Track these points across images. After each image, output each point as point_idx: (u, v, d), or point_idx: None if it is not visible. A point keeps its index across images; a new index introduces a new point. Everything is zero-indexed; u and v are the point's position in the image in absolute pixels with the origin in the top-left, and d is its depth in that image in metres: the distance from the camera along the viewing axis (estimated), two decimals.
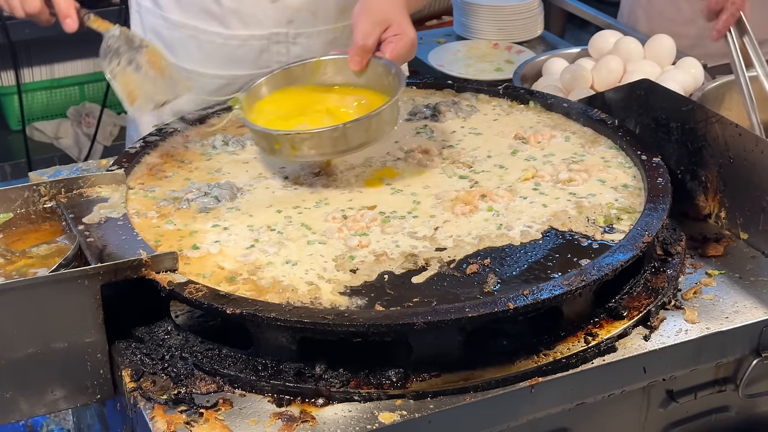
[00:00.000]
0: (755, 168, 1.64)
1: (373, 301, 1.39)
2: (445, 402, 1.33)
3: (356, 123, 1.63)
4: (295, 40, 2.11)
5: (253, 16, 2.09)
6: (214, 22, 2.09)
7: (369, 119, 1.63)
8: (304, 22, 2.12)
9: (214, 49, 2.11)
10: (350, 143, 1.64)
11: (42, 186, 1.60)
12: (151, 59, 1.75)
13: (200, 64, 2.11)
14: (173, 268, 1.43)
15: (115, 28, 1.75)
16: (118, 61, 1.74)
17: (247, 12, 2.08)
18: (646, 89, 1.85)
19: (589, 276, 1.41)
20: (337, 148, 1.64)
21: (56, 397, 1.40)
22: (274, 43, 2.11)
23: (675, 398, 1.52)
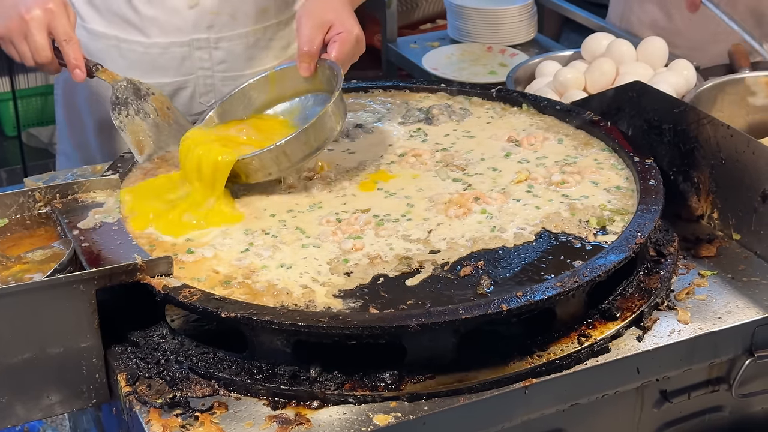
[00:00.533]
0: (747, 169, 1.65)
1: (368, 304, 1.40)
2: (439, 404, 1.34)
3: (293, 138, 1.64)
4: (216, 44, 2.11)
5: (171, 23, 2.09)
6: (134, 31, 2.09)
7: (305, 132, 1.64)
8: (224, 26, 2.12)
9: (137, 58, 2.11)
10: (293, 158, 1.65)
11: (37, 191, 1.60)
12: (158, 106, 1.82)
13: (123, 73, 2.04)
14: (168, 273, 1.44)
15: (122, 79, 1.81)
16: (126, 111, 1.79)
17: (165, 20, 2.08)
18: (639, 91, 1.86)
19: (582, 277, 1.41)
20: (282, 165, 1.66)
21: (52, 402, 1.41)
22: (195, 49, 2.11)
23: (669, 398, 1.53)
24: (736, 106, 2.02)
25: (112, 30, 2.10)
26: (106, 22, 2.10)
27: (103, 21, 2.10)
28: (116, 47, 2.11)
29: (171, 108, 1.84)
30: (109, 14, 2.10)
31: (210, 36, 2.11)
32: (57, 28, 1.75)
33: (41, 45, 1.74)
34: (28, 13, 1.73)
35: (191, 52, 2.11)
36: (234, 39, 2.13)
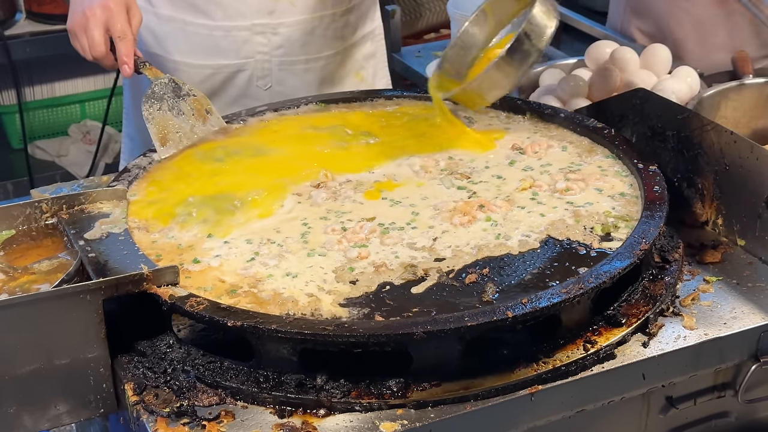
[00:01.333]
0: (750, 174, 1.65)
1: (373, 312, 1.40)
2: (445, 411, 1.34)
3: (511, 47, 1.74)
4: (275, 30, 2.18)
5: (235, 7, 2.16)
6: (200, 14, 2.17)
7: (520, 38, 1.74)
8: (284, 13, 2.18)
9: (200, 40, 2.19)
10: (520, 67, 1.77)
11: (44, 203, 1.61)
12: (197, 107, 1.89)
13: (187, 55, 2.21)
14: (174, 282, 1.44)
15: (164, 76, 1.91)
16: (159, 105, 1.87)
17: (229, 3, 2.15)
18: (642, 98, 1.87)
19: (587, 284, 1.41)
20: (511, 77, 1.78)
21: (60, 412, 1.41)
22: (256, 33, 2.18)
23: (674, 404, 1.53)
24: (740, 112, 2.02)
25: (179, 13, 2.18)
26: (175, 7, 2.18)
27: (172, 5, 2.18)
28: (182, 30, 2.19)
29: (211, 111, 1.91)
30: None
31: (270, 21, 2.18)
32: (114, 26, 1.86)
33: (97, 41, 1.86)
34: (90, 9, 1.86)
35: (252, 36, 2.18)
36: (292, 25, 2.20)
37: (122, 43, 1.87)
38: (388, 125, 1.95)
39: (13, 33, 3.74)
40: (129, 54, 1.88)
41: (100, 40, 1.87)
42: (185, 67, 2.20)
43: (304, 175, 1.76)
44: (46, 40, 3.77)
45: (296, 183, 1.74)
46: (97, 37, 1.86)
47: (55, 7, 3.76)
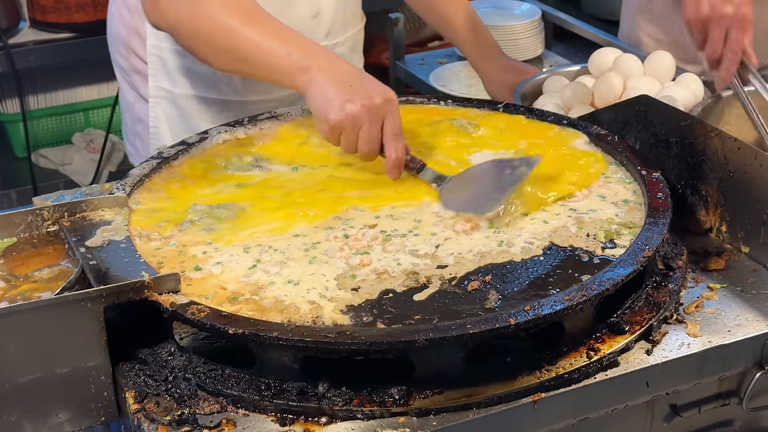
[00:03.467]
0: (755, 181, 1.64)
1: (375, 319, 1.40)
2: (448, 419, 1.34)
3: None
4: (332, 50, 2.15)
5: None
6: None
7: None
8: (338, 32, 2.18)
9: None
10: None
11: (45, 210, 1.61)
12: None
13: (244, 93, 2.13)
14: (176, 290, 1.44)
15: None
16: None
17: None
18: (646, 105, 1.86)
19: (590, 291, 1.41)
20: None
21: (61, 420, 1.41)
22: None
23: (679, 412, 1.52)
24: (744, 119, 2.02)
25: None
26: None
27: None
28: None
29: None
30: None
31: (328, 43, 2.15)
32: (392, 121, 1.70)
33: (375, 136, 1.70)
34: (368, 100, 1.67)
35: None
36: (344, 43, 2.21)
37: (398, 143, 1.70)
38: None
39: (17, 41, 3.74)
40: (403, 155, 1.71)
41: (377, 136, 1.69)
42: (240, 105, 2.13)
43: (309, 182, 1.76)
44: (49, 48, 3.77)
45: (300, 190, 1.74)
46: (375, 133, 1.69)
47: (59, 16, 3.76)
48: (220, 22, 1.76)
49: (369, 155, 1.72)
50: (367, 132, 1.69)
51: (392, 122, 1.70)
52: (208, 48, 1.80)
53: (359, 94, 1.68)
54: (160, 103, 2.18)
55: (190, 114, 2.15)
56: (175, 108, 2.16)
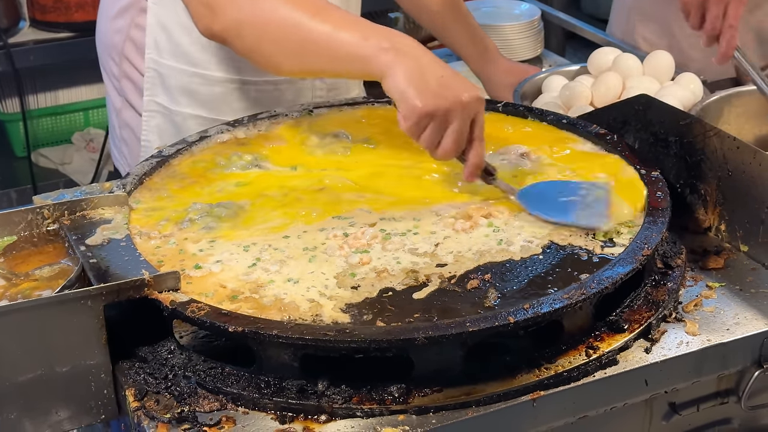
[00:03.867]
0: (754, 180, 1.65)
1: (375, 317, 1.40)
2: (447, 417, 1.34)
3: None
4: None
5: None
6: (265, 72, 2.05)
7: None
8: None
9: (262, 96, 2.11)
10: None
11: (45, 209, 1.61)
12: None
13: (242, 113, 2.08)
14: (176, 288, 1.44)
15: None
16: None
17: None
18: (645, 104, 1.86)
19: (589, 289, 1.41)
20: None
21: (61, 418, 1.41)
22: (317, 78, 2.14)
23: (677, 411, 1.53)
24: (743, 118, 2.02)
25: (237, 74, 2.08)
26: (227, 67, 2.07)
27: (227, 66, 2.07)
28: (238, 89, 2.09)
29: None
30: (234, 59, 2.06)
31: None
32: (479, 123, 1.63)
33: (464, 136, 1.61)
34: (462, 96, 1.58)
35: (313, 82, 2.14)
36: None
37: (480, 145, 1.63)
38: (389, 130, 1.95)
39: (16, 41, 3.74)
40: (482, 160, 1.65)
41: (465, 133, 1.61)
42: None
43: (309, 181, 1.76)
44: (49, 48, 3.77)
45: (299, 189, 1.74)
46: (464, 130, 1.60)
47: (58, 15, 3.76)
48: (287, 15, 1.67)
49: (450, 154, 1.62)
50: (458, 129, 1.59)
51: (479, 123, 1.63)
52: (276, 46, 1.71)
53: (452, 87, 1.58)
54: (154, 117, 2.17)
55: (186, 131, 2.14)
56: (170, 124, 2.14)
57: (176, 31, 2.04)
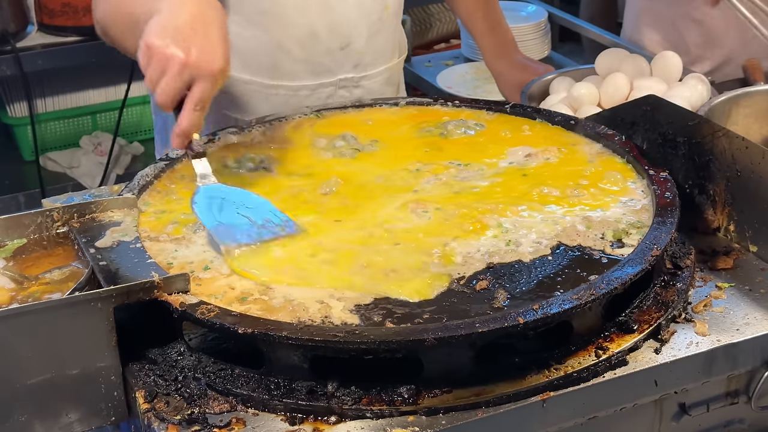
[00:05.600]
0: (762, 180, 1.64)
1: (384, 319, 1.40)
2: (457, 417, 1.34)
3: None
4: (358, 83, 2.17)
5: (323, 65, 2.13)
6: (282, 76, 2.11)
7: None
8: (368, 65, 2.18)
9: (282, 102, 2.13)
10: None
11: (55, 212, 1.61)
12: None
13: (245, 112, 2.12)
14: (185, 290, 1.44)
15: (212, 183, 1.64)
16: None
17: (317, 62, 2.12)
18: (653, 105, 1.86)
19: (599, 290, 1.41)
20: None
21: (71, 420, 1.41)
22: (340, 88, 2.16)
23: (687, 411, 1.52)
24: (751, 118, 2.02)
25: (256, 77, 2.11)
26: (250, 70, 2.11)
27: (246, 69, 2.10)
28: (259, 92, 2.13)
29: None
30: (255, 61, 2.10)
31: (355, 75, 2.16)
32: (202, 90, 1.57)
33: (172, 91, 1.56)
34: (195, 55, 1.55)
35: (336, 90, 2.16)
36: (373, 77, 2.20)
37: (197, 114, 1.58)
38: (396, 132, 1.96)
39: (24, 45, 3.74)
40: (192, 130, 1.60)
41: (177, 92, 1.56)
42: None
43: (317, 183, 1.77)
44: (57, 52, 3.78)
45: (307, 191, 1.74)
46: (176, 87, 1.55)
47: (66, 20, 3.77)
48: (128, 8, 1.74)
49: (159, 99, 1.57)
50: (169, 81, 1.55)
51: (201, 90, 1.56)
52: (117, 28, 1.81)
53: (193, 41, 1.55)
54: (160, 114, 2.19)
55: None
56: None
57: None
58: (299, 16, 2.07)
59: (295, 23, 2.07)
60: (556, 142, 1.88)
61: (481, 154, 1.85)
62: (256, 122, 1.98)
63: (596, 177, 1.75)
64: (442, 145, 1.90)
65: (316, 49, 2.10)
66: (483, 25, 2.51)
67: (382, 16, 2.17)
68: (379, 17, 2.16)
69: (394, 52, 2.26)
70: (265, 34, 2.08)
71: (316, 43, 2.10)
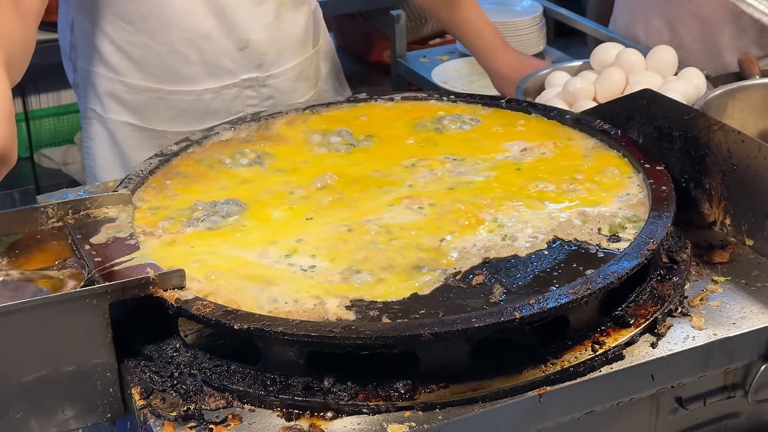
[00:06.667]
0: (758, 174, 1.64)
1: (380, 314, 1.40)
2: (453, 413, 1.34)
3: None
4: (264, 82, 2.15)
5: (222, 67, 2.11)
6: (182, 81, 2.09)
7: None
8: (272, 64, 2.17)
9: (187, 107, 2.12)
10: None
11: (49, 208, 1.61)
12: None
13: (171, 123, 2.11)
14: (181, 286, 1.44)
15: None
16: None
17: (216, 64, 2.10)
18: (648, 99, 1.86)
19: (595, 284, 1.41)
20: None
21: (67, 417, 1.41)
22: (245, 88, 2.15)
23: (684, 405, 1.52)
24: (747, 112, 2.02)
25: (155, 83, 2.09)
26: (149, 76, 2.09)
27: (145, 75, 2.09)
28: (162, 99, 2.11)
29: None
30: (153, 68, 2.09)
31: (259, 75, 2.15)
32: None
33: None
34: None
35: (241, 92, 2.15)
36: (280, 75, 2.19)
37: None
38: (391, 127, 1.95)
39: None
40: None
41: None
42: (172, 135, 2.08)
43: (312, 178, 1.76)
44: (51, 48, 3.74)
45: (302, 186, 1.74)
46: None
47: None
48: None
49: None
50: None
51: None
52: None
53: None
54: (92, 124, 2.18)
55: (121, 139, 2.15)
56: (105, 131, 2.16)
57: (99, 39, 2.04)
58: (187, 18, 2.05)
59: (184, 26, 2.06)
60: (551, 137, 1.88)
61: (477, 149, 1.85)
62: (251, 118, 1.97)
63: (592, 171, 1.75)
64: (438, 140, 1.90)
65: (212, 51, 2.08)
66: (470, 30, 2.50)
67: (279, 12, 2.15)
68: (276, 14, 2.14)
69: (303, 45, 2.22)
70: (153, 39, 2.06)
71: (211, 45, 2.07)
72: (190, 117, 2.09)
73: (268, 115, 1.99)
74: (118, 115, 2.14)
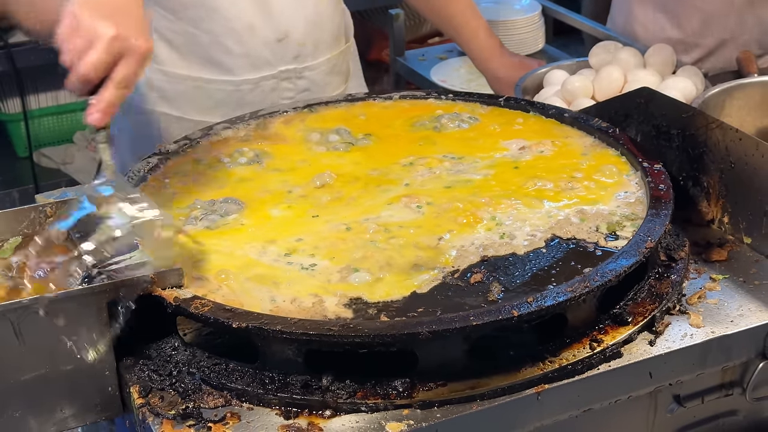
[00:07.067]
0: (756, 172, 1.64)
1: (379, 312, 1.40)
2: (451, 411, 1.34)
3: None
4: (301, 74, 2.17)
5: (262, 58, 2.12)
6: (222, 71, 2.11)
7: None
8: (309, 56, 2.18)
9: (224, 97, 2.14)
10: None
11: (48, 206, 1.60)
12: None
13: (209, 113, 2.12)
14: (179, 284, 1.44)
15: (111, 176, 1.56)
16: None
17: (256, 55, 2.12)
18: (646, 97, 1.86)
19: (593, 282, 1.41)
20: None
21: (65, 416, 1.41)
22: (282, 80, 2.16)
23: (682, 403, 1.52)
24: (745, 110, 2.02)
25: (195, 72, 2.11)
26: (189, 65, 2.11)
27: (186, 64, 2.11)
28: (201, 88, 2.13)
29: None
30: (194, 56, 2.11)
31: (296, 66, 2.17)
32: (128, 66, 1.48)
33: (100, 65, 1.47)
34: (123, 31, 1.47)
35: (279, 83, 2.16)
36: (316, 67, 2.20)
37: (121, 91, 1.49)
38: (389, 126, 1.95)
39: (17, 41, 3.74)
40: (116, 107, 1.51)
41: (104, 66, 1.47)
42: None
43: (311, 177, 1.76)
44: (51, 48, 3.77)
45: (301, 185, 1.74)
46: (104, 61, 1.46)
47: None
48: None
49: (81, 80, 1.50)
50: (99, 54, 1.47)
51: (128, 67, 1.48)
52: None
53: (120, 18, 1.48)
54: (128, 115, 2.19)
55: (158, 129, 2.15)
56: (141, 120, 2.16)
57: None
58: (231, 8, 2.07)
59: (228, 16, 2.07)
60: (550, 135, 1.88)
61: (475, 148, 1.85)
62: (249, 117, 1.97)
63: (590, 170, 1.75)
64: (436, 138, 1.90)
65: (253, 42, 2.10)
66: (465, 32, 2.50)
67: (319, 5, 2.17)
68: (316, 7, 2.16)
69: (337, 40, 2.25)
70: (197, 29, 2.07)
71: (253, 36, 2.09)
72: (227, 107, 2.10)
73: (266, 113, 1.99)
74: (156, 106, 2.15)
